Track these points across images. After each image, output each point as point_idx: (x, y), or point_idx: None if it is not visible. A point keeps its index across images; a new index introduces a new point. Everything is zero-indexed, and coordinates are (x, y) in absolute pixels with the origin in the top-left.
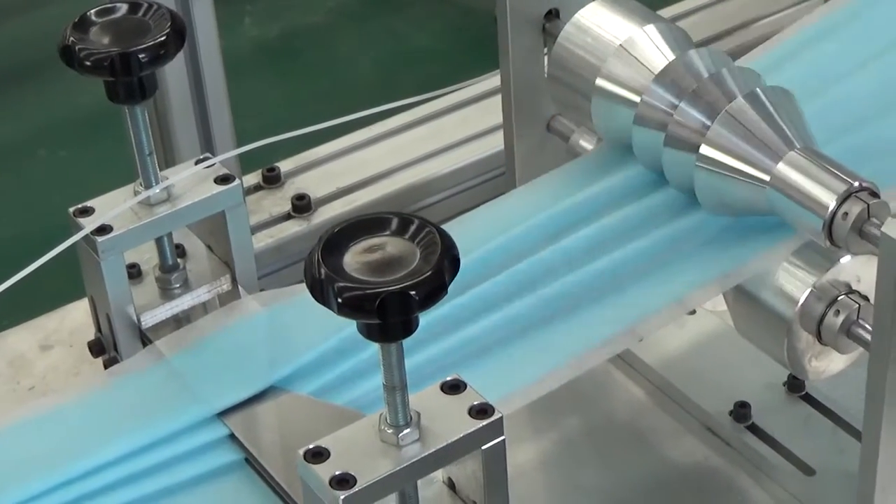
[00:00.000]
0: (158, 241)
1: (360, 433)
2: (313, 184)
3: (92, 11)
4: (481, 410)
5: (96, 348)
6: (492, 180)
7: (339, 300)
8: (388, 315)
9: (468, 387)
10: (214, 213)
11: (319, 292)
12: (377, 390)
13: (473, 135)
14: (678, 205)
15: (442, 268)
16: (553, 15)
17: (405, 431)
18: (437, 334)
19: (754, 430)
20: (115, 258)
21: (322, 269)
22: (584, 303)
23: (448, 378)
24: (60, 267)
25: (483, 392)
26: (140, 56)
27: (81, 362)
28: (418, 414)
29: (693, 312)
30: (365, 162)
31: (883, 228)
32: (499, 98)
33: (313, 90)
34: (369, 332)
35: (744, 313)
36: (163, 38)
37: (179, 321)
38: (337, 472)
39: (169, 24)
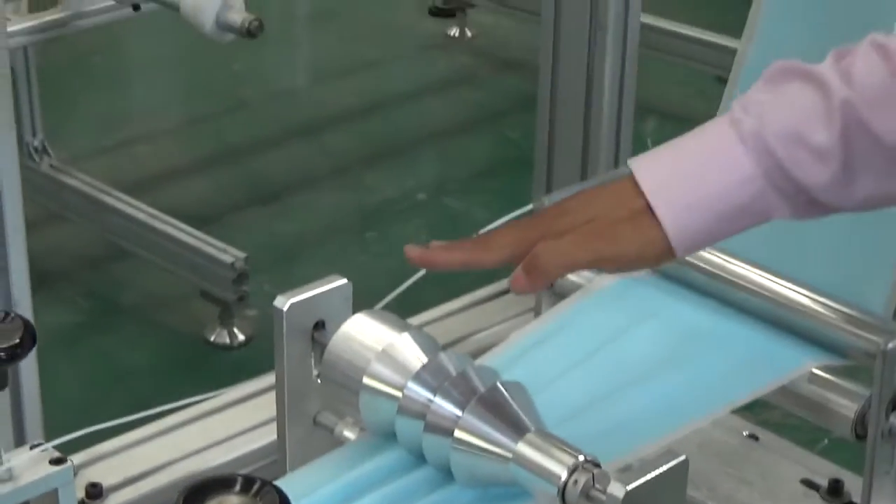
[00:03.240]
0: None
1: None
2: (101, 475)
3: None
4: None
5: None
6: (266, 466)
7: None
8: None
9: None
10: (49, 490)
11: None
12: None
13: (247, 428)
14: (436, 480)
15: None
16: (320, 325)
17: None
18: None
19: None
20: None
21: None
22: None
23: None
24: None
25: None
26: (6, 353)
27: None
28: None
29: None
30: (152, 453)
31: (609, 489)
32: (267, 396)
33: None
34: None
35: None
36: (18, 342)
37: None
38: None
39: (22, 330)
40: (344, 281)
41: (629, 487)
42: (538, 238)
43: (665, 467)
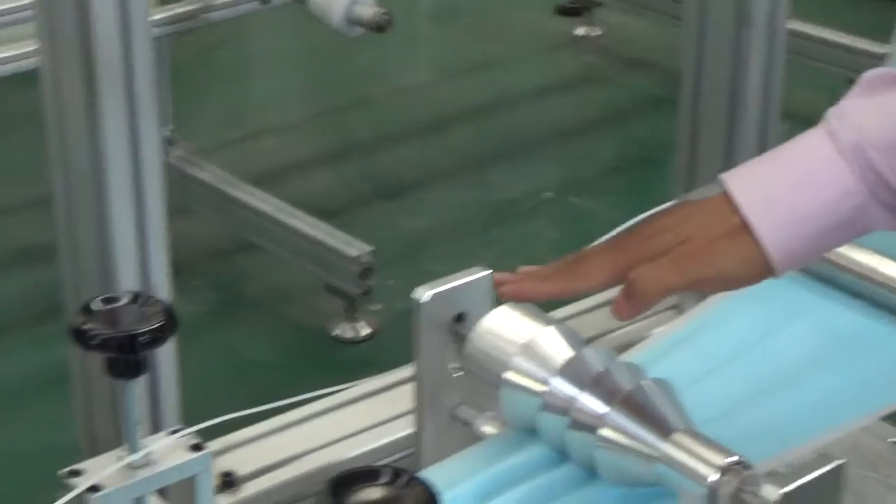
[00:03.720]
0: (136, 500)
1: None
2: (236, 464)
3: (98, 299)
4: None
5: None
6: (400, 460)
7: None
8: None
9: None
10: (188, 477)
11: None
12: None
13: (382, 420)
14: (579, 478)
15: None
16: (460, 317)
17: None
18: None
19: None
20: None
21: None
22: None
23: None
24: None
25: None
26: (141, 339)
27: None
28: None
29: None
30: (286, 443)
31: (761, 492)
32: (403, 388)
33: None
34: None
35: None
36: (160, 325)
37: None
38: None
39: (163, 313)
40: (486, 272)
41: (783, 491)
42: (632, 262)
43: (821, 471)
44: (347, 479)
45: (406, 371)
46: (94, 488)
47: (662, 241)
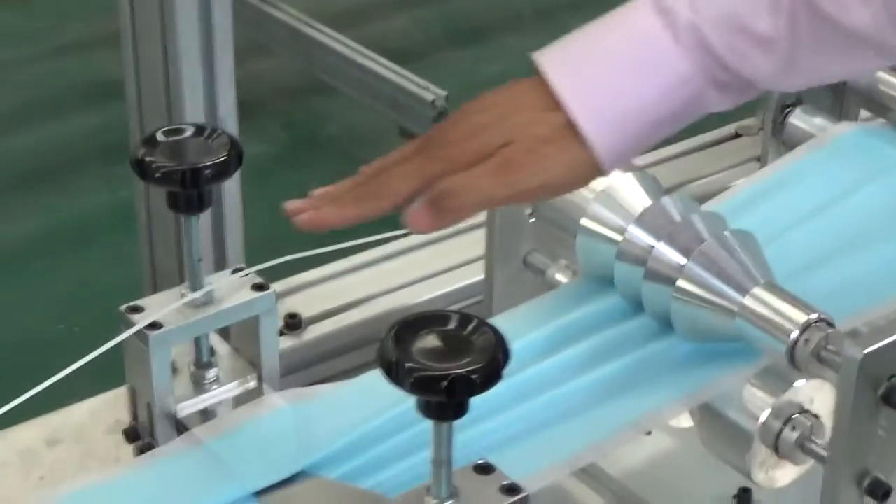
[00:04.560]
0: (197, 339)
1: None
2: (301, 306)
3: (161, 130)
4: (510, 489)
5: (132, 434)
6: (469, 307)
7: (412, 380)
8: (452, 395)
9: (496, 469)
10: (249, 317)
11: (394, 373)
12: (395, 477)
13: (451, 266)
14: (652, 330)
15: (498, 358)
16: None
17: (448, 503)
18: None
19: None
20: (164, 352)
21: (397, 352)
22: (592, 403)
23: (479, 461)
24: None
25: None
26: (206, 172)
27: (88, 457)
28: (457, 489)
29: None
30: (352, 286)
31: (844, 351)
32: (474, 234)
33: None
34: (428, 411)
35: (709, 428)
36: (225, 158)
37: (207, 415)
38: None
39: (229, 146)
40: None
41: (867, 350)
42: (443, 170)
43: None
44: (414, 323)
45: (478, 216)
46: (154, 325)
47: (478, 144)
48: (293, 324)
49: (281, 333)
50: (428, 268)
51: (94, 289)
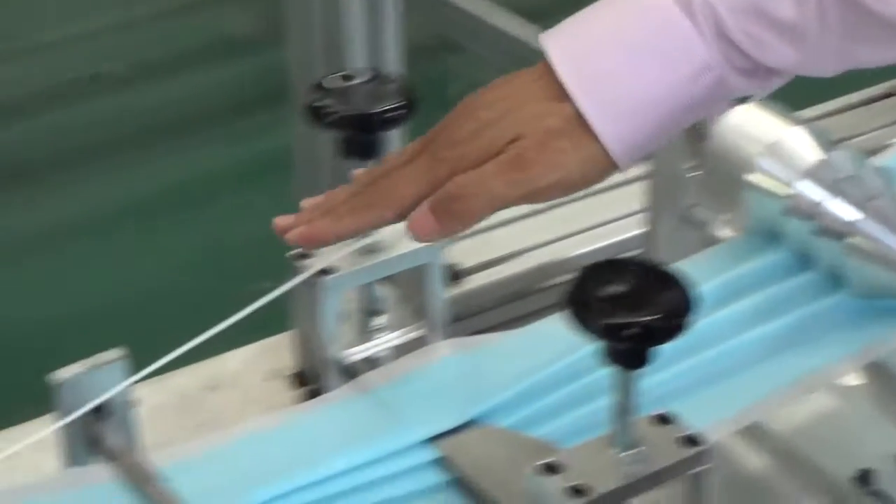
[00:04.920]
0: (364, 286)
1: (588, 452)
2: (460, 257)
3: (333, 76)
4: (690, 440)
5: (300, 379)
6: None
7: (604, 326)
8: (643, 342)
9: (676, 419)
10: (417, 265)
11: (584, 319)
12: (566, 426)
13: (611, 219)
14: (821, 286)
15: (687, 308)
16: None
17: (631, 452)
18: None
19: (878, 496)
20: (334, 297)
21: (586, 297)
22: (760, 358)
23: (659, 410)
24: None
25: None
26: (378, 118)
27: (247, 404)
28: (636, 439)
29: None
30: (510, 238)
31: None
32: (632, 187)
33: None
34: (616, 358)
35: (882, 386)
36: (402, 103)
37: (372, 362)
38: (569, 485)
39: (402, 93)
40: None
41: None
42: (451, 172)
43: None
44: (601, 270)
45: (639, 169)
46: (323, 272)
47: (486, 142)
48: (453, 273)
49: None
50: (587, 220)
51: (222, 242)
